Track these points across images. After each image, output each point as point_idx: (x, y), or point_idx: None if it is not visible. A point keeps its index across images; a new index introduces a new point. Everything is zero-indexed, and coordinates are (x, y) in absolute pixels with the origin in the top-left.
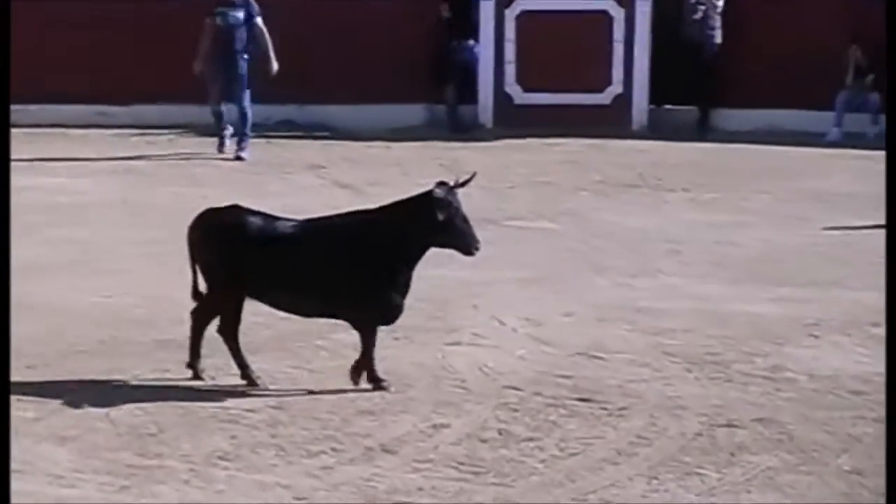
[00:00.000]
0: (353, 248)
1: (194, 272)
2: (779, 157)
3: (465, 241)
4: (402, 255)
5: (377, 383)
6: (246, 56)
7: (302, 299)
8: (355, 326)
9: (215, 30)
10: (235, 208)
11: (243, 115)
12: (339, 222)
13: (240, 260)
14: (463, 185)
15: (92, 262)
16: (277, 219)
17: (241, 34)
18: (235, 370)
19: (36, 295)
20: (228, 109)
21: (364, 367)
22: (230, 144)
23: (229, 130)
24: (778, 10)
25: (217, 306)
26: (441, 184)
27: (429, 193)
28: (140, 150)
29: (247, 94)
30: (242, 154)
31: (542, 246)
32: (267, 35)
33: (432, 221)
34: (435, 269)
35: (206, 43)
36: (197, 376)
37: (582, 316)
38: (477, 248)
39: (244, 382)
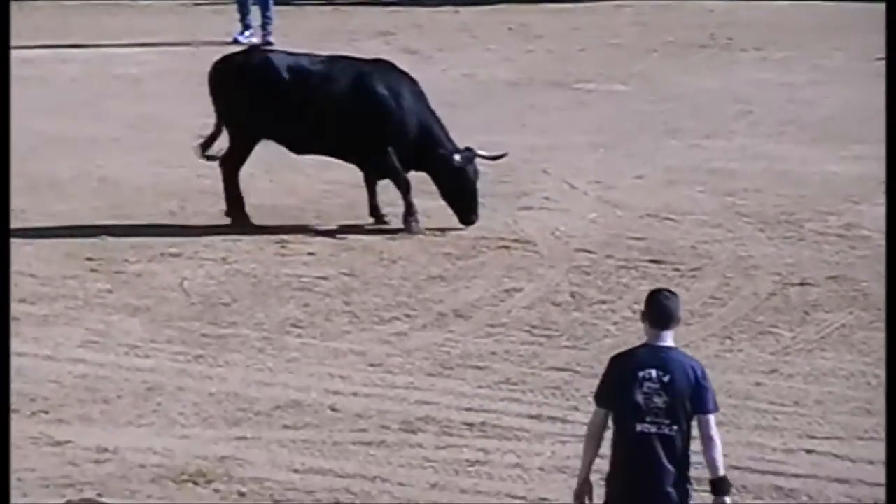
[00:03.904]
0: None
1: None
2: (855, 14)
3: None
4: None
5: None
6: None
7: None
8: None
9: None
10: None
11: (263, 1)
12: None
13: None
14: (494, 158)
15: (151, 134)
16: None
17: None
18: (307, 239)
19: (99, 169)
20: None
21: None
22: (248, 35)
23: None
24: None
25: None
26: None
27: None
28: (205, 20)
29: None
30: (269, 38)
31: (612, 109)
32: None
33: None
34: (501, 135)
35: None
36: (243, 222)
37: (653, 178)
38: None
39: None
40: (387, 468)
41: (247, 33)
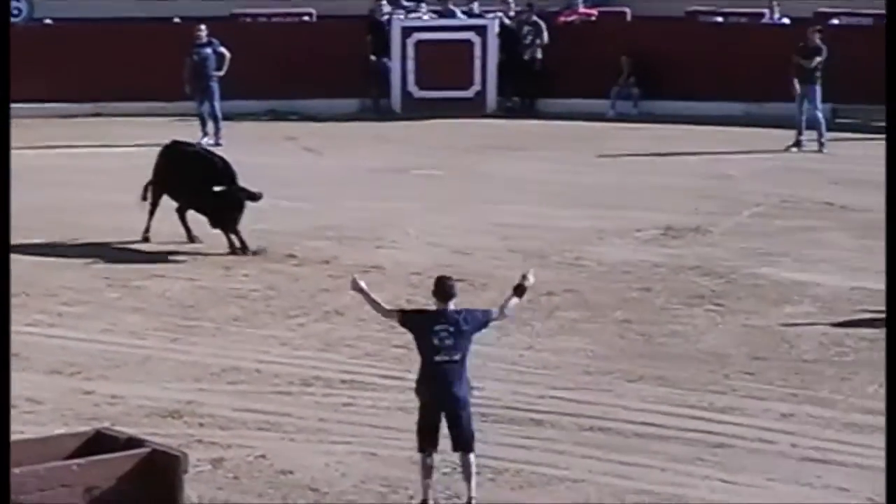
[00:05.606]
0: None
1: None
2: (579, 128)
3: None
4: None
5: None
6: (214, 77)
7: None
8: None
9: (193, 64)
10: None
11: (215, 117)
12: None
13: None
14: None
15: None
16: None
17: (210, 63)
18: (243, 265)
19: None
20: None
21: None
22: (208, 139)
23: (209, 131)
24: (577, 37)
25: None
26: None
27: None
28: (174, 130)
29: (216, 103)
30: (220, 142)
31: (433, 185)
32: (227, 56)
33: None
34: (366, 201)
35: (188, 73)
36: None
37: (460, 228)
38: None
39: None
40: (290, 408)
41: (205, 140)
